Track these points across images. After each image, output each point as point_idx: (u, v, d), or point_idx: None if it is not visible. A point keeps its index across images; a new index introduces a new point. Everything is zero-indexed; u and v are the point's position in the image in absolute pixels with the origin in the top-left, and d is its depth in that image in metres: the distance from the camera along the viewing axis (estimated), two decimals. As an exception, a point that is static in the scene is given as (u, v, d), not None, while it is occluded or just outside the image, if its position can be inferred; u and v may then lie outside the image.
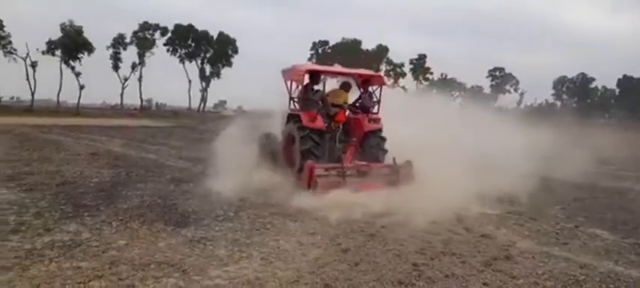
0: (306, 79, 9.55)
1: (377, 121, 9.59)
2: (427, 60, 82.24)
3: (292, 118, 9.50)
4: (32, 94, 62.05)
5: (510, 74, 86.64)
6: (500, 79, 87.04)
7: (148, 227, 5.93)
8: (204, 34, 72.49)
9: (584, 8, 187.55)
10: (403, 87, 77.09)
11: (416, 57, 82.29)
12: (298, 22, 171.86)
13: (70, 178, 9.42)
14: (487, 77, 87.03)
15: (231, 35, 73.85)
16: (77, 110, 59.92)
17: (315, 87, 9.84)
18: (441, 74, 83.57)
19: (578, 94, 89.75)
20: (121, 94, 70.36)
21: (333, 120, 9.43)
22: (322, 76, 10.34)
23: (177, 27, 71.21)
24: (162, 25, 70.23)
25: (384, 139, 9.48)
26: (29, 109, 55.82)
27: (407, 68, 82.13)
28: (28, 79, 61.28)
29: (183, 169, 11.40)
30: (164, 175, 10.33)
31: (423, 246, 5.53)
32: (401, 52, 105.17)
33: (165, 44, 70.95)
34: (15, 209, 6.62)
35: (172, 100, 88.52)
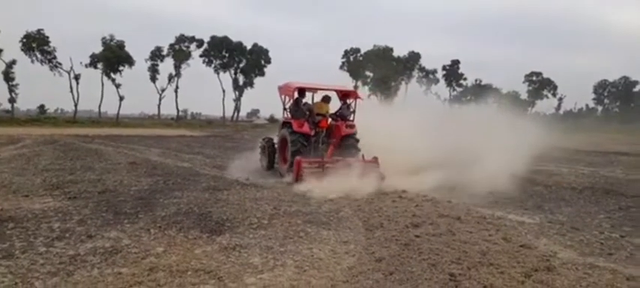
0: (296, 94, 11.73)
1: (352, 126, 11.64)
2: (460, 66, 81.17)
3: (285, 124, 11.86)
4: (75, 105, 64.72)
5: (548, 79, 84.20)
6: (538, 84, 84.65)
7: (184, 234, 6.05)
8: (238, 45, 73.81)
9: (627, 9, 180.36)
10: (436, 94, 76.44)
11: (449, 63, 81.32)
12: (332, 31, 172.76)
13: (110, 187, 9.74)
14: (524, 82, 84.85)
15: (265, 46, 75.12)
16: (117, 120, 62.24)
17: (304, 100, 12.05)
18: (476, 80, 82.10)
19: (620, 99, 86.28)
20: (159, 105, 72.40)
21: (318, 126, 11.65)
22: (309, 92, 12.34)
23: (213, 38, 72.81)
24: (198, 37, 72.16)
25: (357, 141, 11.50)
26: (72, 119, 58.31)
27: (440, 74, 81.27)
28: (71, 91, 64.04)
29: (217, 178, 11.59)
30: (199, 183, 10.53)
31: (460, 256, 5.40)
32: (434, 58, 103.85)
33: (200, 56, 72.75)
34: (59, 216, 6.89)
35: (207, 110, 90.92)
